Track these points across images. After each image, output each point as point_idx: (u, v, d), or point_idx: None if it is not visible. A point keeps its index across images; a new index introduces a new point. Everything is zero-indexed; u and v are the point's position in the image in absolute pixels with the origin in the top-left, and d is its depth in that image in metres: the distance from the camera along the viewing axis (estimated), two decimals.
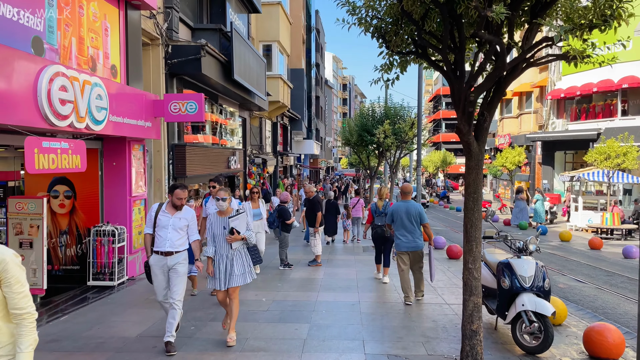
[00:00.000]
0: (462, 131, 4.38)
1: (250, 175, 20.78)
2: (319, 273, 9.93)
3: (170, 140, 12.12)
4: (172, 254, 5.52)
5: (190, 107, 9.53)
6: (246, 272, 5.68)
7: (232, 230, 5.52)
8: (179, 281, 5.56)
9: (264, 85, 18.74)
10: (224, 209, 5.66)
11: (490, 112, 4.44)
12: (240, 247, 5.69)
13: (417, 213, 7.42)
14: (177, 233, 5.57)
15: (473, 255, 4.54)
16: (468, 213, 4.51)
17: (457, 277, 9.59)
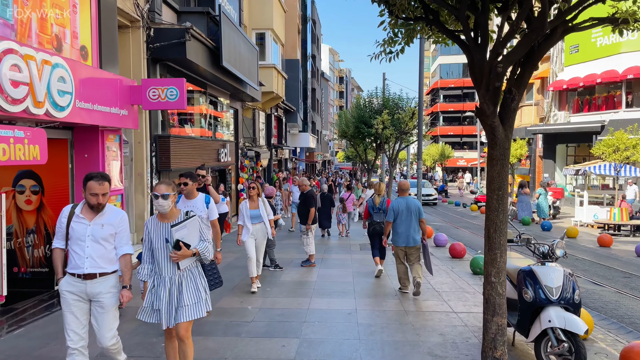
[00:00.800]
0: (484, 112, 3.56)
1: (243, 168, 19.92)
2: (312, 275, 9.13)
3: (153, 131, 11.27)
4: (94, 278, 3.93)
5: (170, 93, 8.67)
6: (200, 301, 4.09)
7: (177, 243, 3.91)
8: (107, 319, 3.98)
9: (256, 75, 17.87)
10: (165, 210, 4.01)
11: (520, 89, 3.63)
12: (192, 267, 4.14)
13: (417, 209, 7.65)
14: (100, 246, 3.98)
15: (497, 266, 3.74)
16: (491, 214, 3.71)
17: (463, 279, 8.81)
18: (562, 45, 28.12)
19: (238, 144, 19.64)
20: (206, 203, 6.02)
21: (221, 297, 7.39)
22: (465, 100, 65.88)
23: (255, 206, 8.05)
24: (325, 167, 66.25)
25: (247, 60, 16.33)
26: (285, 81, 27.11)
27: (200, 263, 4.25)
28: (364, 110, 18.37)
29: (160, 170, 11.43)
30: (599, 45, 25.68)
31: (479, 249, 12.89)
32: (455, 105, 66.53)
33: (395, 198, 8.02)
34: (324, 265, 10.17)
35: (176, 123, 13.03)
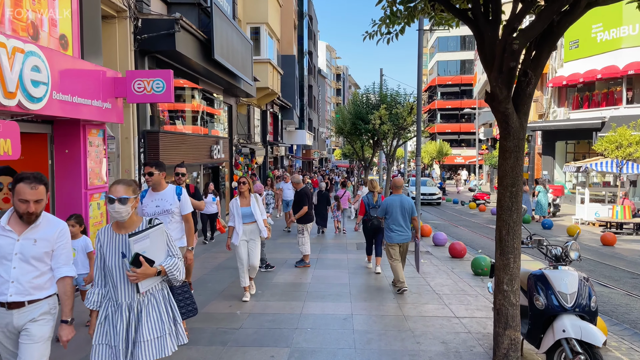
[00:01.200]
0: (496, 98, 3.15)
1: (237, 166, 19.49)
2: (307, 276, 8.72)
3: (142, 126, 10.83)
4: (22, 307, 3.13)
5: (156, 85, 8.24)
6: (165, 335, 3.21)
7: (136, 258, 3.07)
8: (34, 354, 3.11)
9: (250, 69, 17.42)
10: (123, 217, 3.16)
11: (536, 71, 3.22)
12: (157, 290, 3.27)
13: (410, 207, 7.74)
14: (30, 267, 3.16)
15: (510, 273, 3.34)
16: (503, 214, 3.31)
17: (464, 280, 8.41)
18: (562, 40, 27.75)
19: (232, 140, 19.20)
20: (177, 195, 5.33)
21: (209, 301, 6.97)
22: (462, 97, 65.52)
23: (247, 203, 7.09)
24: (322, 165, 65.83)
25: (241, 54, 15.89)
26: (281, 77, 26.66)
27: (169, 285, 3.38)
28: (360, 106, 17.93)
29: None
30: (599, 41, 25.31)
31: (479, 249, 12.50)
32: (452, 102, 66.17)
33: (389, 195, 8.03)
34: (319, 265, 9.76)
35: (167, 118, 12.60)
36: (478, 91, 45.24)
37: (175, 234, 5.21)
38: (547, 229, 16.67)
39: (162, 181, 5.33)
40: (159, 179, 5.28)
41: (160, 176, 5.30)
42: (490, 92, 3.20)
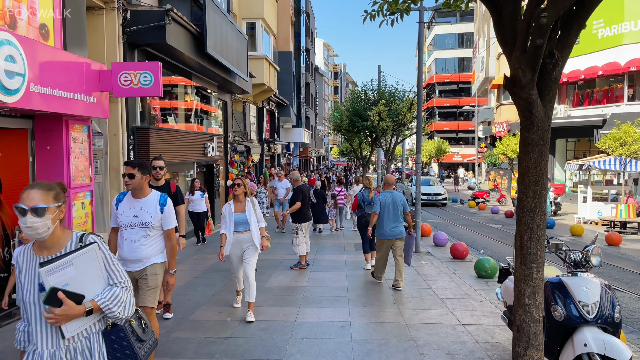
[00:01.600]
0: (518, 82, 2.75)
1: (233, 164, 19.08)
2: (303, 279, 8.31)
3: (131, 122, 10.42)
4: None
5: (144, 78, 7.82)
6: None
7: (53, 294, 2.24)
8: None
9: (245, 65, 17.01)
10: (40, 235, 2.30)
11: (564, 51, 2.82)
12: (92, 332, 2.44)
13: (402, 203, 7.84)
14: None
15: (532, 284, 2.94)
16: (525, 217, 2.91)
17: (467, 283, 8.02)
18: None
19: (227, 138, 18.78)
20: (160, 205, 4.34)
21: (198, 307, 6.57)
22: (461, 95, 65.17)
23: (242, 209, 6.17)
24: (319, 163, 65.42)
25: (236, 49, 15.47)
26: (277, 74, 26.23)
27: (106, 327, 2.50)
28: (358, 103, 17.52)
29: None
30: (600, 37, 24.95)
31: (481, 249, 12.13)
32: (451, 100, 65.80)
33: (381, 192, 8.11)
34: (316, 267, 9.36)
35: (158, 115, 12.18)
36: (477, 88, 44.88)
37: (151, 250, 4.31)
38: (549, 228, 16.30)
39: (144, 186, 4.35)
40: (140, 183, 4.28)
41: (144, 180, 4.31)
42: (511, 75, 2.80)
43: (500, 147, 25.32)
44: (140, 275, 4.29)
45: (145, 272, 4.28)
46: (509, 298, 4.61)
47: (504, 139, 25.87)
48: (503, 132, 32.67)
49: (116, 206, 4.42)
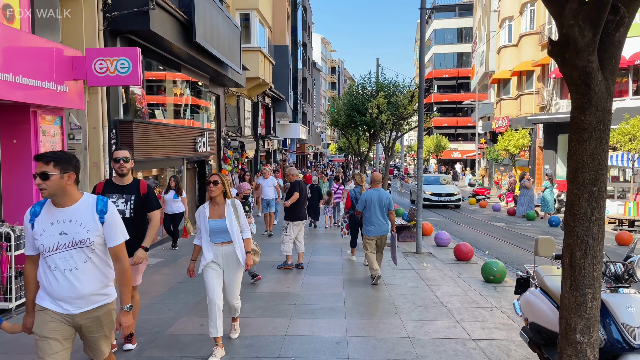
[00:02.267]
0: (573, 44, 2.08)
1: (226, 160, 18.41)
2: (296, 284, 7.67)
3: (113, 115, 9.75)
4: None
5: (121, 65, 7.17)
6: None
7: None
8: None
9: (238, 57, 16.32)
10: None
11: (631, 6, 2.16)
12: None
13: (388, 201, 7.90)
14: None
15: (586, 316, 2.30)
16: (578, 227, 2.27)
17: (474, 288, 7.39)
18: None
19: (220, 133, 18.11)
20: (99, 212, 3.01)
21: (178, 318, 5.92)
22: (459, 90, 64.52)
23: (220, 214, 4.78)
24: (317, 159, 64.76)
25: (228, 39, 14.78)
26: (273, 67, 25.54)
27: None
28: (356, 97, 16.84)
29: None
30: None
31: (485, 249, 11.49)
32: (449, 95, 65.16)
33: (368, 189, 8.12)
34: (310, 270, 8.72)
35: (144, 107, 11.50)
36: (476, 83, 44.25)
37: (97, 282, 3.04)
38: (555, 226, 15.69)
39: (68, 189, 2.95)
40: (60, 184, 2.90)
41: (66, 180, 2.92)
42: (562, 36, 2.13)
43: (502, 143, 24.70)
44: (85, 321, 2.99)
45: (93, 315, 3.01)
46: (532, 314, 3.98)
47: (506, 134, 25.26)
48: (503, 128, 32.04)
49: (31, 223, 2.98)
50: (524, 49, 30.67)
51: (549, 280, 3.96)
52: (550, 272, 4.10)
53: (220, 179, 4.82)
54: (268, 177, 13.64)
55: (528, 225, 16.32)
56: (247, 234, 4.97)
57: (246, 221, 5.01)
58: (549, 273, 4.09)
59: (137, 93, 11.08)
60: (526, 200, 18.40)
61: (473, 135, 63.07)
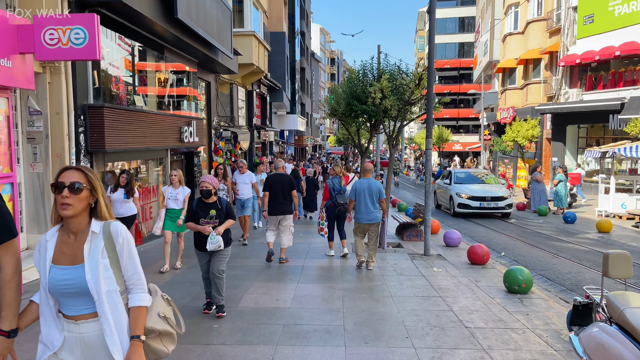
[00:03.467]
0: None
1: (217, 151, 17.25)
2: (286, 296, 6.53)
3: (81, 99, 8.57)
4: None
5: (75, 36, 5.98)
6: None
7: None
8: None
9: (229, 40, 15.12)
10: None
11: None
12: None
13: (377, 190, 8.07)
14: None
15: None
16: None
17: (496, 301, 6.26)
18: (575, 15, 25.52)
19: (211, 122, 16.94)
20: None
21: None
22: (461, 81, 63.28)
23: (74, 254, 2.22)
24: (316, 152, 63.58)
25: (217, 19, 13.58)
26: (269, 55, 24.31)
27: None
28: (356, 85, 15.59)
29: (91, 151, 8.76)
30: (618, 15, 23.06)
31: (501, 250, 10.36)
32: (451, 87, 63.86)
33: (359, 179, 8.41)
34: (304, 276, 7.59)
35: (122, 92, 10.33)
36: (479, 73, 43.01)
37: None
38: (570, 223, 14.56)
39: None
40: None
41: None
42: None
43: (510, 134, 23.51)
44: None
45: None
46: None
47: (514, 124, 24.06)
48: (509, 119, 30.85)
49: None
50: (531, 36, 29.46)
51: (634, 315, 2.81)
52: (634, 303, 2.95)
53: (82, 176, 2.29)
54: (245, 171, 10.90)
55: (541, 222, 15.19)
56: (138, 295, 2.35)
57: (137, 269, 2.39)
58: (634, 304, 2.94)
59: (114, 75, 9.91)
60: (537, 195, 17.25)
61: (475, 127, 61.91)
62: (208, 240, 5.44)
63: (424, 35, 76.31)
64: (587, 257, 9.73)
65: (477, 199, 15.92)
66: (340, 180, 9.18)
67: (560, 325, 5.34)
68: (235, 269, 8.04)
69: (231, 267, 8.15)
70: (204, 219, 5.58)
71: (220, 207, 5.70)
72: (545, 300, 6.33)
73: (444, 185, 18.17)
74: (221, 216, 5.67)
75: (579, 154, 26.04)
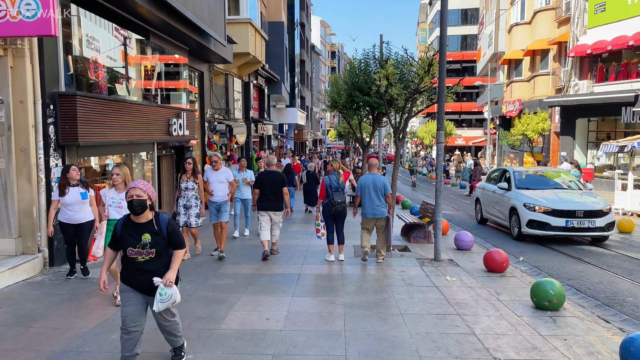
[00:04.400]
0: None
1: (211, 145, 16.30)
2: (279, 311, 5.61)
3: (50, 87, 7.63)
4: None
5: (26, 7, 5.04)
6: None
7: None
8: None
9: (222, 26, 14.15)
10: None
11: None
12: None
13: (382, 185, 8.03)
14: None
15: None
16: None
17: (526, 322, 5.33)
18: (585, 4, 24.48)
19: (204, 114, 15.99)
20: None
21: None
22: (464, 75, 62.05)
23: None
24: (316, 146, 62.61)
25: (208, 3, 12.61)
26: (267, 45, 23.34)
27: None
28: (358, 75, 14.66)
29: (63, 145, 7.82)
30: (631, 2, 22.03)
31: (519, 255, 9.42)
32: (453, 80, 62.36)
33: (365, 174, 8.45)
34: (301, 286, 6.67)
35: (102, 80, 9.37)
36: (483, 66, 41.98)
37: None
38: None
39: None
40: None
41: None
42: None
43: (520, 127, 22.51)
44: None
45: None
46: None
47: (524, 117, 23.07)
48: (515, 112, 29.87)
49: None
50: (538, 26, 28.41)
51: None
52: None
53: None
54: (219, 167, 8.74)
55: None
56: None
57: None
58: None
59: (93, 61, 8.96)
60: None
61: (477, 121, 60.79)
62: (156, 298, 3.77)
63: (426, 28, 75.08)
64: (616, 262, 8.79)
65: (562, 214, 10.34)
66: (338, 177, 8.37)
67: (607, 356, 4.42)
68: (223, 278, 7.12)
69: (219, 275, 7.26)
70: (132, 249, 3.80)
71: (159, 230, 3.86)
72: (582, 320, 5.40)
73: (499, 190, 12.29)
74: (160, 244, 3.85)
75: (589, 149, 25.08)
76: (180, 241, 3.98)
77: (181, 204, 8.18)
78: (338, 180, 8.32)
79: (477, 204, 14.30)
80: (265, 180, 8.41)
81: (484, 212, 13.48)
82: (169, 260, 3.95)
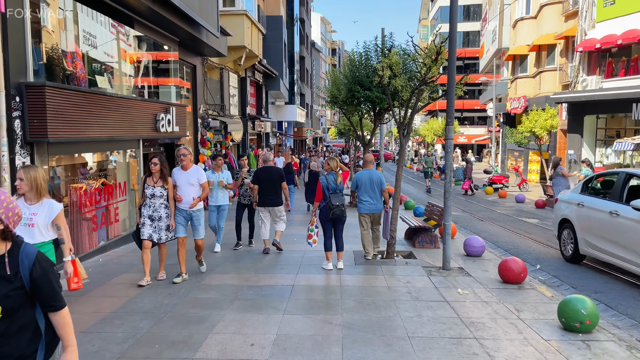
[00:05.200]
0: None
1: (204, 143, 15.51)
2: (267, 334, 4.83)
3: (16, 77, 6.84)
4: None
5: None
6: None
7: None
8: None
9: (215, 16, 13.36)
10: None
11: None
12: None
13: (379, 180, 8.02)
14: None
15: None
16: None
17: (554, 347, 4.54)
18: None
19: (197, 110, 15.20)
20: None
21: None
22: (466, 71, 61.26)
23: None
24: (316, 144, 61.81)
25: None
26: (265, 39, 22.55)
27: None
28: (359, 68, 13.86)
29: (31, 141, 7.03)
30: None
31: (535, 262, 8.61)
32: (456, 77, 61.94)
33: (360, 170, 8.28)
34: (292, 304, 5.87)
35: (80, 71, 8.56)
36: (486, 63, 41.15)
37: None
38: None
39: None
40: None
41: None
42: None
43: (527, 124, 21.69)
44: None
45: None
46: None
47: (532, 114, 22.25)
48: (520, 109, 29.07)
49: None
50: (544, 21, 27.57)
51: None
52: None
53: None
54: (189, 166, 7.07)
55: None
56: None
57: None
58: None
59: (69, 51, 8.16)
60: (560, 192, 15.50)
61: (480, 119, 60.03)
62: None
63: (427, 25, 74.24)
64: None
65: None
66: (336, 178, 7.61)
67: None
68: (206, 291, 6.34)
69: (202, 287, 6.48)
70: None
71: (12, 274, 2.20)
72: (620, 346, 4.61)
73: (609, 207, 7.48)
74: (12, 297, 2.18)
75: (597, 147, 24.27)
76: (53, 295, 2.30)
77: (146, 215, 6.61)
78: (336, 180, 7.57)
79: (562, 229, 9.00)
80: (263, 176, 8.61)
81: (584, 243, 8.14)
82: (35, 326, 2.31)
